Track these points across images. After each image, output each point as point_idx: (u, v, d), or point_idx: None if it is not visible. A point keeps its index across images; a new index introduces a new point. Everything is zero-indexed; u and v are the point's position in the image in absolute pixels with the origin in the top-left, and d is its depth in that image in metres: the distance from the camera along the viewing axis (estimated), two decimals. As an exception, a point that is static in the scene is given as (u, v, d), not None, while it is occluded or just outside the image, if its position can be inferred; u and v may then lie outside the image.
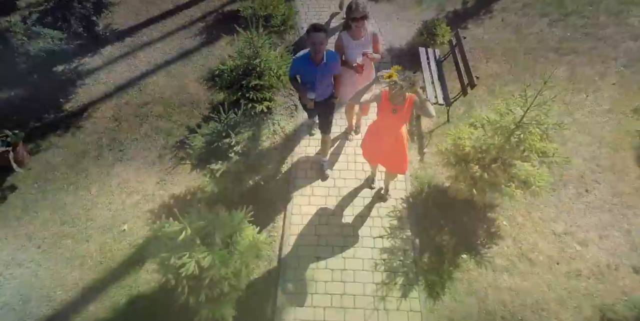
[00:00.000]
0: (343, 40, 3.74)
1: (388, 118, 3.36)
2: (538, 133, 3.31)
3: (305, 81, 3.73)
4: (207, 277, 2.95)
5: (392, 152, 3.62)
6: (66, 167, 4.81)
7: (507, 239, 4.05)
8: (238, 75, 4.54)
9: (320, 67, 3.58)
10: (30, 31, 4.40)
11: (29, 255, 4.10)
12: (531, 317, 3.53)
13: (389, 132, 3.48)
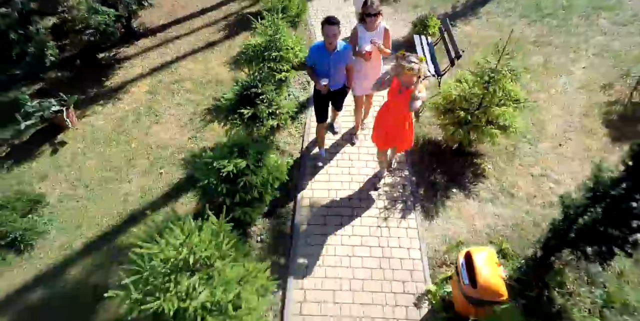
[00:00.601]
0: (359, 30, 4.24)
1: (395, 99, 3.80)
2: (509, 76, 4.14)
3: (320, 69, 4.17)
4: (242, 181, 3.68)
5: (399, 128, 4.01)
6: (109, 128, 5.61)
7: (491, 178, 4.77)
8: (261, 50, 5.42)
9: (334, 55, 4.04)
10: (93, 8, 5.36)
11: (79, 192, 4.80)
12: (511, 234, 4.18)
13: (396, 110, 3.88)
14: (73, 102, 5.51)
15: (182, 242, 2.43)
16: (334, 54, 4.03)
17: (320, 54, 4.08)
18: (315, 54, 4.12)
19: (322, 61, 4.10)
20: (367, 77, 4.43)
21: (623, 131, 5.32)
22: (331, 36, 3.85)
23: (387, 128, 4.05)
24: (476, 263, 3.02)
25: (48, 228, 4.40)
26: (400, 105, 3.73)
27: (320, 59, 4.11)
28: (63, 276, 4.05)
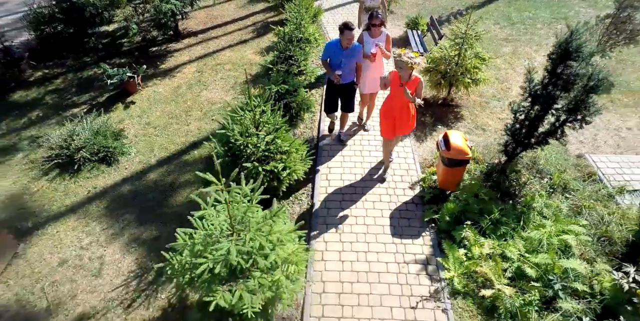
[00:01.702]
0: (364, 37, 5.14)
1: (397, 91, 4.43)
2: (475, 37, 5.82)
3: (334, 63, 4.94)
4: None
5: (404, 115, 4.62)
6: (168, 93, 7.23)
7: (468, 120, 6.31)
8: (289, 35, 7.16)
9: (347, 51, 4.84)
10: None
11: (149, 131, 6.31)
12: (483, 151, 5.61)
13: (399, 100, 4.49)
14: (142, 72, 7.17)
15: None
16: (347, 50, 4.84)
17: (336, 50, 4.88)
18: (331, 50, 4.92)
19: (336, 56, 4.89)
20: (372, 77, 5.27)
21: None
22: (350, 38, 4.71)
23: (394, 117, 4.65)
24: (450, 137, 4.48)
25: (129, 151, 5.86)
26: (403, 97, 4.39)
27: (334, 54, 4.90)
28: (143, 178, 5.46)
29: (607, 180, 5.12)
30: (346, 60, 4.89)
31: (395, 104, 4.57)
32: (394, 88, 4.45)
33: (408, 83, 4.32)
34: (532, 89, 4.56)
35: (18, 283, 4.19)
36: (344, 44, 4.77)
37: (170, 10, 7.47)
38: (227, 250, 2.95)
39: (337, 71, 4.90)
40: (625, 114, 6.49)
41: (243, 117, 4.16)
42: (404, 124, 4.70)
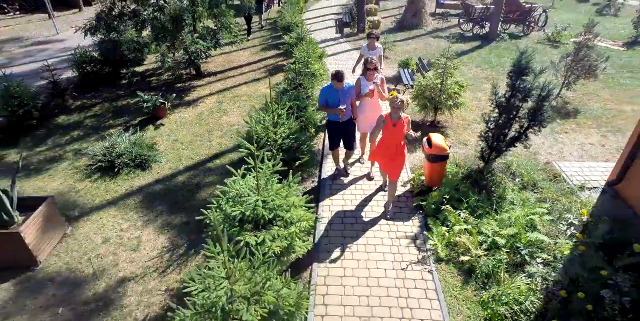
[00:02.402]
0: (361, 81, 5.71)
1: (391, 132, 4.89)
2: (454, 68, 7.10)
3: (333, 104, 5.33)
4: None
5: (394, 159, 5.06)
6: (192, 118, 8.42)
7: (452, 137, 7.38)
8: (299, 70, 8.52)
9: (341, 92, 5.34)
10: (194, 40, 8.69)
11: (177, 146, 7.39)
12: (464, 160, 6.60)
13: (393, 142, 4.96)
14: (171, 100, 8.44)
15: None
16: (341, 91, 5.34)
17: (331, 92, 5.33)
18: (327, 94, 5.36)
19: (333, 98, 5.32)
20: (371, 117, 5.70)
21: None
22: (340, 82, 5.26)
23: (385, 157, 5.14)
24: (432, 138, 5.51)
25: (160, 160, 6.88)
26: (396, 135, 4.88)
27: (331, 96, 5.33)
28: (173, 180, 6.42)
29: (570, 180, 6.04)
30: (343, 99, 5.35)
31: (390, 144, 5.02)
32: (388, 129, 4.91)
33: (399, 122, 4.85)
34: (498, 101, 5.67)
35: (68, 255, 4.98)
36: (337, 86, 5.29)
37: (199, 50, 8.91)
38: (254, 202, 3.86)
39: (342, 105, 5.30)
40: (589, 134, 7.56)
41: (264, 118, 5.24)
42: (395, 162, 5.11)
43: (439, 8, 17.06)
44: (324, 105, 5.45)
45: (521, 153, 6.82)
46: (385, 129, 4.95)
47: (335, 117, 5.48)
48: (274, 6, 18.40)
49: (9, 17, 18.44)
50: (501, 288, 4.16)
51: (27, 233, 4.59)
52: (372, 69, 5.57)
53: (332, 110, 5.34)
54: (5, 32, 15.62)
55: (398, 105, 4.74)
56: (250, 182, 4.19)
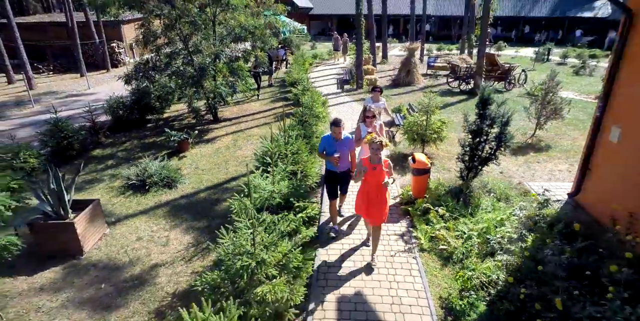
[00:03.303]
0: (361, 127, 6.26)
1: (370, 176, 4.85)
2: (435, 106, 8.53)
3: (330, 153, 5.55)
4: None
5: (374, 205, 4.97)
6: (210, 152, 9.73)
7: (437, 165, 8.56)
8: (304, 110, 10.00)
9: (339, 142, 5.54)
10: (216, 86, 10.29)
11: (198, 171, 8.59)
12: (447, 182, 7.72)
13: (373, 186, 4.91)
14: (194, 136, 9.82)
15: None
16: (340, 142, 5.56)
17: (329, 142, 5.57)
18: (326, 143, 5.60)
19: (331, 147, 5.54)
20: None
21: (516, 149, 9.33)
22: (338, 133, 5.48)
23: (367, 203, 5.03)
24: (416, 156, 6.70)
25: (184, 180, 8.04)
26: (376, 179, 4.85)
27: (329, 146, 5.56)
28: (195, 195, 7.52)
29: (537, 195, 7.09)
30: (340, 149, 5.55)
31: (370, 189, 4.98)
32: (367, 173, 4.87)
33: (379, 166, 4.84)
34: (469, 127, 6.95)
35: (107, 249, 5.94)
36: (336, 136, 5.54)
37: (220, 94, 10.50)
38: (271, 191, 4.96)
39: (335, 153, 5.50)
40: (558, 163, 8.74)
41: (277, 138, 6.51)
42: (376, 207, 5.00)
43: (429, 69, 19.27)
44: (322, 153, 5.72)
45: (497, 176, 7.95)
46: (366, 174, 4.91)
47: (332, 166, 5.74)
48: (281, 68, 20.74)
49: (43, 76, 20.81)
50: (473, 266, 5.06)
51: (78, 224, 5.62)
52: (370, 117, 6.10)
53: (327, 157, 5.58)
54: (42, 87, 17.72)
55: (377, 146, 4.74)
56: (267, 180, 5.32)
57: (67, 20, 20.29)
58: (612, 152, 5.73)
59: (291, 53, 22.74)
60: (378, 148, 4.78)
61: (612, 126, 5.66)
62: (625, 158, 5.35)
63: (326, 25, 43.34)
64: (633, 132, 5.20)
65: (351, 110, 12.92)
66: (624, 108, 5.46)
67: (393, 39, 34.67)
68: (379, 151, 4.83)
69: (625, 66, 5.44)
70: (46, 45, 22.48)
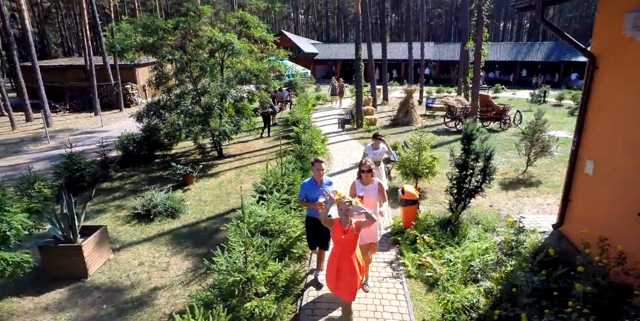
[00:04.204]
0: (356, 185, 5.09)
1: (340, 242, 4.15)
2: (427, 143, 9.06)
3: (312, 200, 5.01)
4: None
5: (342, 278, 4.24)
6: (213, 185, 10.22)
7: (430, 199, 8.94)
8: (303, 147, 10.58)
9: (322, 186, 5.02)
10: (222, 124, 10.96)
11: (201, 203, 9.04)
12: (438, 214, 8.06)
13: (343, 254, 4.18)
14: (199, 169, 10.36)
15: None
16: (322, 185, 5.06)
17: (311, 187, 5.06)
18: (307, 188, 5.08)
19: (313, 193, 5.02)
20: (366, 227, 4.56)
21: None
22: (320, 169, 5.02)
23: (336, 272, 4.25)
24: (405, 187, 7.12)
25: (187, 211, 8.46)
26: (346, 246, 4.16)
27: (310, 191, 5.04)
28: (196, 225, 7.91)
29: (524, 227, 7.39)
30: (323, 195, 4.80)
31: (339, 257, 4.26)
32: (336, 237, 4.18)
33: (350, 230, 4.13)
34: (455, 161, 7.42)
35: (111, 273, 6.27)
36: (316, 177, 5.11)
37: (225, 131, 11.16)
38: (265, 217, 5.38)
39: (320, 198, 4.81)
40: (548, 198, 9.07)
41: (275, 170, 7.00)
42: (344, 281, 4.26)
43: (428, 110, 20.09)
44: (303, 200, 5.16)
45: (487, 209, 8.29)
46: (334, 236, 4.20)
47: (314, 213, 5.05)
48: (285, 108, 21.71)
49: (60, 115, 21.91)
50: (455, 290, 5.31)
51: (85, 248, 6.01)
52: (366, 171, 5.00)
53: (311, 204, 5.01)
54: (58, 124, 18.68)
55: (345, 207, 3.99)
56: (262, 207, 5.75)
57: (86, 63, 21.70)
58: (588, 183, 6.14)
59: (295, 94, 23.85)
60: (347, 209, 3.99)
61: (586, 160, 6.11)
62: (598, 189, 5.75)
63: (330, 69, 45.35)
64: (603, 165, 5.64)
65: (350, 147, 13.49)
66: (594, 143, 5.94)
67: (394, 82, 36.15)
68: (349, 213, 4.04)
69: (592, 106, 5.99)
70: (65, 86, 23.84)
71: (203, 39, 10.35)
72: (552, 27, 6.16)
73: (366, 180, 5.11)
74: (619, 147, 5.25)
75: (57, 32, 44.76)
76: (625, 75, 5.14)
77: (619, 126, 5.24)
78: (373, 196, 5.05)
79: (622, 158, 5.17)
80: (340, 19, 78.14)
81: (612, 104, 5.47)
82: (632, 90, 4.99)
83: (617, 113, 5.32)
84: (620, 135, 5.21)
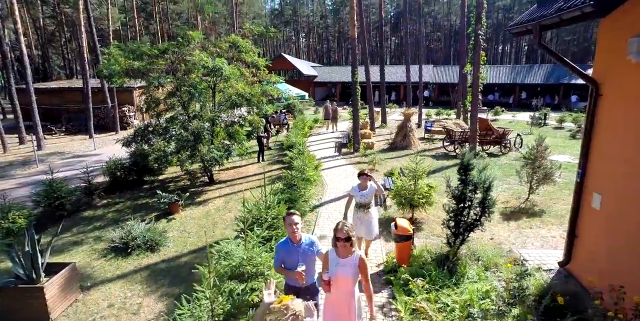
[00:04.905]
0: (330, 255, 3.76)
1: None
2: (422, 171, 8.60)
3: (290, 266, 3.97)
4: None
5: None
6: (200, 214, 9.73)
7: (426, 230, 8.41)
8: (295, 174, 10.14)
9: (301, 247, 3.98)
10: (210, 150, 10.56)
11: (184, 235, 8.53)
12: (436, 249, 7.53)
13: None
14: (185, 198, 9.89)
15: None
16: (300, 246, 4.02)
17: (287, 248, 4.03)
18: (282, 250, 4.04)
19: (290, 256, 4.01)
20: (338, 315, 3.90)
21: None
22: (293, 224, 3.94)
23: None
24: (398, 221, 6.62)
25: (168, 243, 7.95)
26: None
27: (287, 254, 4.03)
28: (176, 260, 7.38)
29: (528, 264, 6.84)
30: (303, 259, 4.01)
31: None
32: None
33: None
34: (452, 192, 6.94)
35: (76, 316, 5.73)
36: (290, 235, 4.06)
37: (213, 158, 10.75)
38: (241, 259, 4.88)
39: (299, 266, 3.87)
40: (552, 229, 8.53)
41: (259, 202, 6.54)
42: None
43: (426, 133, 19.73)
44: (280, 266, 4.12)
45: (487, 243, 7.75)
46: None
47: (294, 282, 4.05)
48: (283, 131, 21.40)
49: (55, 137, 21.64)
50: (452, 342, 4.74)
51: (48, 289, 5.49)
52: (342, 240, 3.62)
53: (289, 272, 3.99)
54: (50, 147, 18.36)
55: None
56: (239, 246, 5.26)
57: (84, 85, 21.60)
58: (596, 218, 5.64)
59: (293, 117, 23.60)
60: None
61: (593, 193, 5.63)
62: (608, 225, 5.25)
63: (330, 91, 45.45)
64: (612, 199, 5.16)
65: (345, 173, 13.04)
66: (600, 175, 5.47)
67: (393, 104, 36.03)
68: None
69: (596, 134, 5.56)
70: (62, 108, 23.70)
71: (190, 63, 10.09)
72: (550, 52, 5.80)
73: (343, 252, 3.69)
74: (629, 179, 4.78)
75: (60, 54, 45.25)
76: (634, 100, 4.72)
77: (629, 157, 4.78)
78: (350, 274, 3.68)
79: (633, 192, 4.69)
80: (341, 42, 79.23)
81: (619, 133, 5.03)
82: (641, 119, 4.56)
83: (625, 142, 4.88)
84: (630, 167, 4.74)
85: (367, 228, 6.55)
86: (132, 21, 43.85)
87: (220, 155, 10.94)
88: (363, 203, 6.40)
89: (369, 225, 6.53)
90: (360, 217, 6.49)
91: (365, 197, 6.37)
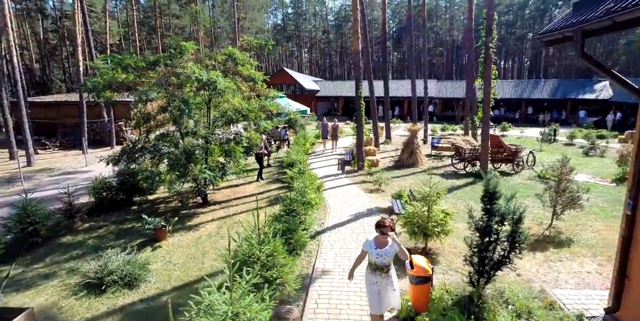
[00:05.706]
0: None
1: None
2: (437, 195, 7.64)
3: None
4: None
5: None
6: (189, 241, 8.75)
7: (443, 264, 7.40)
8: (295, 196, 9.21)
9: None
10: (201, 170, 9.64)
11: (169, 267, 7.53)
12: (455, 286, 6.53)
13: None
14: (173, 223, 8.92)
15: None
16: None
17: None
18: None
19: None
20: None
21: (533, 244, 8.18)
22: None
23: None
24: (414, 259, 5.64)
25: (150, 278, 6.96)
26: None
27: None
28: (157, 298, 6.38)
29: (566, 309, 5.82)
30: None
31: None
32: None
33: None
34: (476, 224, 5.98)
35: (28, 377, 4.71)
36: None
37: (205, 179, 9.82)
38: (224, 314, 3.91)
39: None
40: (584, 262, 7.51)
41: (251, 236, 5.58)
42: None
43: (433, 149, 18.81)
44: None
45: (514, 280, 6.75)
46: None
47: None
48: (284, 147, 20.52)
49: (48, 152, 20.80)
50: None
51: (-7, 345, 4.50)
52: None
53: None
54: (41, 163, 17.50)
55: None
56: (224, 296, 4.28)
57: (80, 99, 20.88)
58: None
59: (294, 132, 22.76)
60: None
61: (649, 228, 4.67)
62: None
63: (332, 106, 44.80)
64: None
65: (350, 194, 12.09)
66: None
67: (397, 119, 35.26)
68: None
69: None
70: (58, 122, 22.95)
71: (183, 76, 9.26)
72: (595, 64, 4.91)
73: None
74: None
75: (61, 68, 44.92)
76: None
77: None
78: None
79: None
80: (344, 57, 79.14)
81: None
82: None
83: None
84: None
85: (385, 299, 4.88)
86: (134, 35, 43.58)
87: (214, 175, 10.02)
88: (379, 266, 4.73)
89: (386, 293, 4.84)
90: (377, 282, 4.80)
91: (384, 257, 4.71)
